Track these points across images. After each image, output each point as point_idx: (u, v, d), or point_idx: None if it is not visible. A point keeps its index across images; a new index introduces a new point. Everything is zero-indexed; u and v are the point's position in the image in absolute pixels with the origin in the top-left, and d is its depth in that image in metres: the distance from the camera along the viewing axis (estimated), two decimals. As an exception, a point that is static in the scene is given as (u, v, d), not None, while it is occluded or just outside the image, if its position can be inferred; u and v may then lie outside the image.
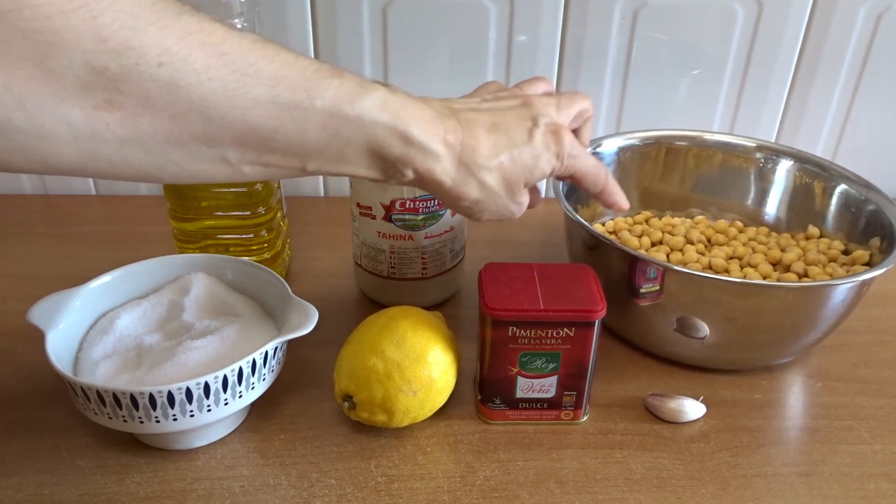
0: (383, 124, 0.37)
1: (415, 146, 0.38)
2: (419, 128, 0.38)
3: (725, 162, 0.67)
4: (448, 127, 0.40)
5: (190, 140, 0.33)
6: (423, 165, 0.39)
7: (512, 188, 0.43)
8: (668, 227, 0.64)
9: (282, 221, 0.63)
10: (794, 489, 0.46)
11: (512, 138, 0.42)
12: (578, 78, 0.76)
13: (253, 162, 0.36)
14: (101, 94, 0.30)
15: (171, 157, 0.34)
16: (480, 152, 0.41)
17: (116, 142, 0.32)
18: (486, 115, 0.43)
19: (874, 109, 0.80)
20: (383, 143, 0.38)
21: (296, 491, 0.44)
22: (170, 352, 0.45)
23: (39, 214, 0.76)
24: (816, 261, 0.58)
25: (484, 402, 0.50)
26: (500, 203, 0.43)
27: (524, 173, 0.43)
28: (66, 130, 0.31)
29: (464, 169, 0.41)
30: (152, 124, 0.32)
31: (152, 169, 0.34)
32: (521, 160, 0.42)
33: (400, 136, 0.38)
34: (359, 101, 0.36)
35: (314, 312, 0.46)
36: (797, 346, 0.53)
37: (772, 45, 0.75)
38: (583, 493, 0.45)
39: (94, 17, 0.29)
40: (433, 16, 0.72)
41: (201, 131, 0.33)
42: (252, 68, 0.33)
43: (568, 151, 0.44)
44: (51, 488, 0.44)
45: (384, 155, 0.38)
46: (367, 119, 0.37)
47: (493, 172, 0.42)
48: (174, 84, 0.31)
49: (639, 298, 0.52)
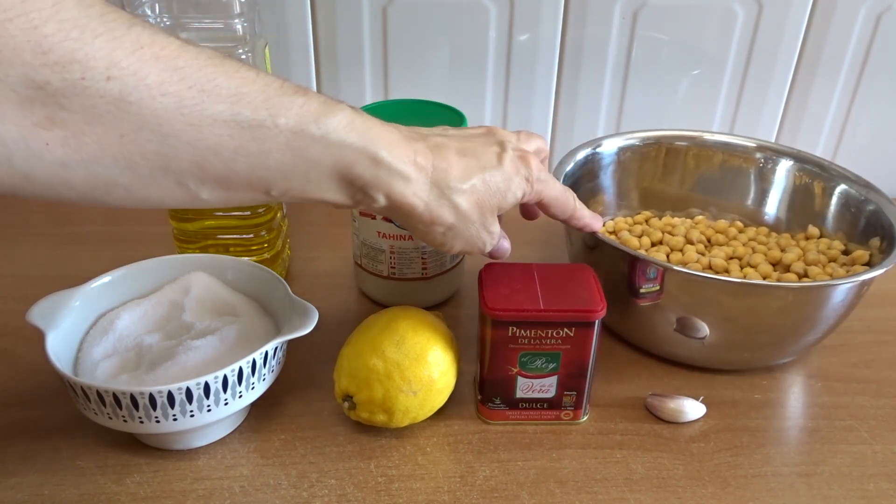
0: (350, 145, 0.36)
1: (384, 168, 0.37)
2: (388, 149, 0.37)
3: (725, 162, 0.67)
4: (417, 149, 0.39)
5: (141, 161, 0.31)
6: (394, 189, 0.38)
7: (485, 214, 0.42)
8: (669, 228, 0.64)
9: (282, 221, 0.63)
10: (794, 489, 0.46)
11: (482, 162, 0.41)
12: (578, 78, 0.76)
13: (212, 187, 0.33)
14: (41, 110, 0.28)
15: (120, 180, 0.31)
16: (453, 174, 0.40)
17: (57, 163, 0.29)
18: (453, 140, 0.42)
19: (874, 109, 0.80)
20: (352, 165, 0.36)
21: (296, 491, 0.44)
22: (170, 352, 0.45)
23: (39, 214, 0.76)
24: (816, 261, 0.58)
25: (484, 402, 0.50)
26: (472, 231, 0.42)
27: (497, 197, 0.42)
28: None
29: (437, 191, 0.40)
30: (99, 144, 0.29)
31: (97, 193, 0.31)
32: (494, 183, 0.42)
33: (369, 157, 0.36)
34: (324, 121, 0.35)
35: (314, 312, 0.46)
36: (797, 346, 0.53)
37: (772, 45, 0.75)
38: (583, 493, 0.45)
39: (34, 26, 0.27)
40: (433, 16, 0.72)
41: (154, 152, 0.31)
42: (210, 84, 0.31)
43: (536, 175, 0.44)
44: (51, 488, 0.44)
45: (353, 178, 0.37)
46: (334, 139, 0.35)
47: (467, 196, 0.41)
48: (124, 100, 0.29)
49: (639, 298, 0.52)
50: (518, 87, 0.77)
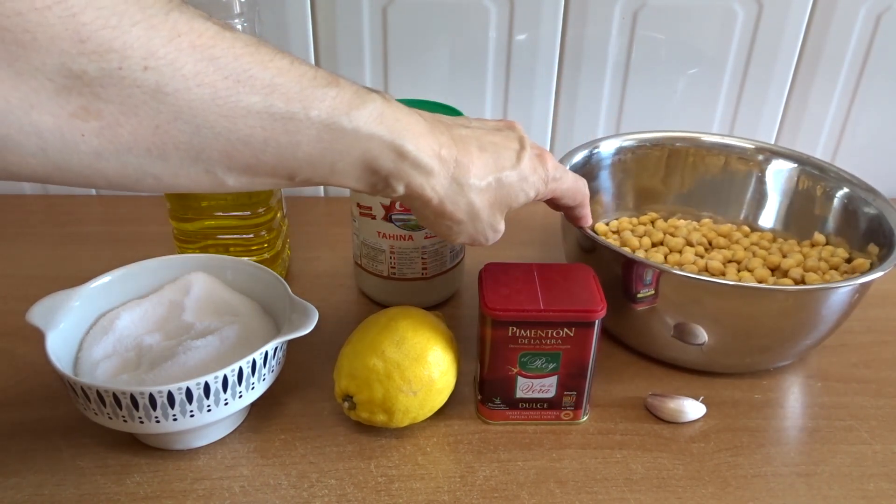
0: (379, 137, 0.36)
1: (408, 161, 0.37)
2: (414, 142, 0.37)
3: (724, 164, 0.67)
4: (442, 142, 0.39)
5: (174, 152, 0.31)
6: (414, 181, 0.38)
7: (495, 212, 0.42)
8: (671, 229, 0.64)
9: (282, 221, 0.63)
10: (794, 489, 0.46)
11: (501, 161, 0.41)
12: (578, 78, 0.76)
13: (239, 175, 0.34)
14: (77, 100, 0.27)
15: (151, 170, 0.31)
16: (473, 171, 0.40)
17: (92, 153, 0.29)
18: (476, 132, 0.42)
19: (874, 109, 0.80)
20: (377, 157, 0.36)
21: (296, 491, 0.44)
22: (170, 352, 0.45)
23: (39, 214, 0.76)
24: (815, 268, 0.57)
25: (484, 402, 0.50)
26: (479, 227, 0.42)
27: (509, 197, 0.42)
28: (34, 142, 0.28)
29: (455, 187, 0.40)
30: (133, 135, 0.29)
31: (128, 181, 0.31)
32: (509, 183, 0.42)
33: (395, 150, 0.37)
34: (355, 113, 0.35)
35: (314, 312, 0.46)
36: (794, 350, 0.53)
37: (772, 46, 0.75)
38: (583, 493, 0.45)
39: (72, 14, 0.26)
40: (433, 16, 0.72)
41: (187, 143, 0.31)
42: (245, 75, 0.31)
43: (552, 175, 0.44)
44: (51, 488, 0.44)
45: (376, 169, 0.37)
46: (364, 132, 0.35)
47: (482, 194, 0.41)
48: (160, 91, 0.29)
49: (634, 303, 0.52)
50: (518, 86, 0.77)
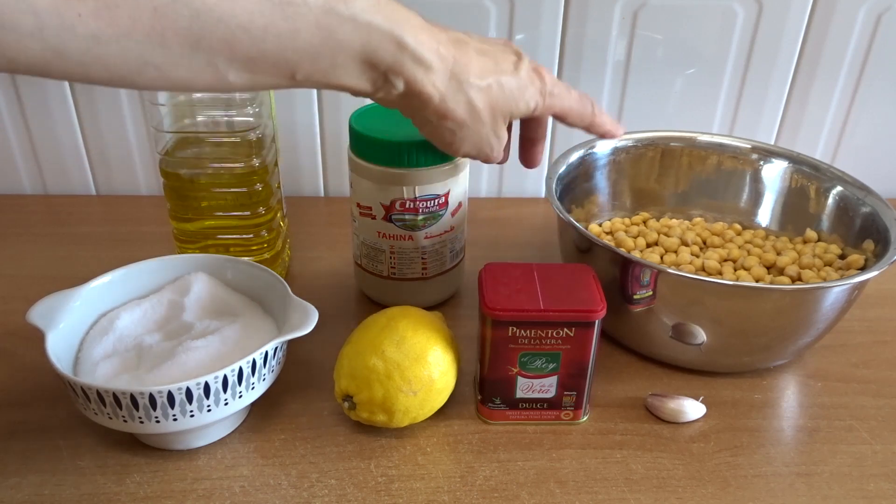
0: (377, 26, 0.36)
1: (408, 53, 0.37)
2: (413, 34, 0.37)
3: (720, 163, 0.67)
4: (440, 39, 0.39)
5: (174, 38, 0.30)
6: (414, 75, 0.38)
7: (496, 117, 0.42)
8: (665, 229, 0.64)
9: (282, 221, 0.63)
10: (794, 489, 0.46)
11: (500, 66, 0.42)
12: (578, 78, 0.76)
13: (240, 68, 0.33)
14: None
15: (152, 58, 0.31)
16: (472, 70, 0.40)
17: (89, 37, 0.29)
18: (474, 39, 0.42)
19: (874, 110, 0.80)
20: (377, 49, 0.36)
21: (296, 491, 0.44)
22: (170, 352, 0.45)
23: (39, 214, 0.76)
24: (811, 265, 0.58)
25: (484, 402, 0.50)
26: (482, 133, 0.42)
27: (510, 103, 0.42)
28: (30, 21, 0.27)
29: (455, 84, 0.40)
30: (132, 18, 0.29)
31: (128, 72, 0.31)
32: (508, 87, 0.42)
33: (394, 41, 0.36)
34: (352, 1, 0.35)
35: (314, 312, 0.46)
36: (792, 348, 0.53)
37: (772, 46, 0.75)
38: (583, 493, 0.45)
39: None
40: (433, 16, 0.72)
41: (187, 28, 0.30)
42: None
43: (549, 89, 0.44)
44: (51, 488, 0.44)
45: (377, 62, 0.37)
46: (362, 20, 0.35)
47: (483, 94, 0.41)
48: None
49: (632, 304, 0.52)
50: (518, 87, 0.76)
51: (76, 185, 0.80)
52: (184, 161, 0.57)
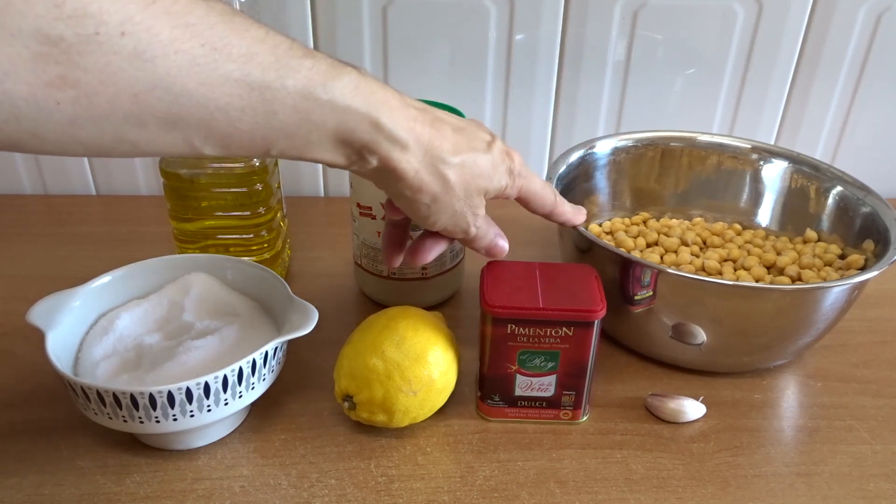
0: (355, 109, 0.36)
1: (383, 133, 0.38)
2: (389, 115, 0.38)
3: (720, 163, 0.67)
4: (416, 118, 0.40)
5: (151, 120, 0.30)
6: (389, 154, 0.38)
7: (471, 193, 0.43)
8: (665, 229, 0.64)
9: (282, 221, 0.63)
10: (794, 489, 0.46)
11: (473, 144, 0.43)
12: (578, 78, 0.76)
13: (216, 144, 0.33)
14: (54, 68, 0.27)
15: (129, 136, 0.31)
16: (446, 147, 0.41)
17: (66, 122, 0.29)
18: (449, 118, 0.43)
19: (874, 110, 0.80)
20: (353, 130, 0.37)
21: (296, 491, 0.44)
22: (170, 352, 0.45)
23: (39, 214, 0.76)
24: (811, 265, 0.57)
25: (483, 399, 0.50)
26: (456, 207, 0.43)
27: (483, 180, 0.43)
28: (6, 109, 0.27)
29: (429, 160, 0.40)
30: (111, 103, 0.29)
31: (104, 148, 0.31)
32: (482, 165, 0.42)
33: (370, 122, 0.37)
34: (331, 84, 0.35)
35: (314, 312, 0.46)
36: (792, 348, 0.53)
37: (772, 46, 0.75)
38: (583, 493, 0.45)
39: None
40: (433, 16, 0.72)
41: (165, 111, 0.30)
42: (221, 42, 0.31)
43: (518, 170, 0.45)
44: (51, 488, 0.44)
45: (352, 140, 0.37)
46: (340, 104, 0.35)
47: (456, 170, 0.41)
48: (138, 57, 0.28)
49: (632, 304, 0.52)
50: (518, 87, 0.77)
51: (76, 185, 0.80)
52: (184, 161, 0.57)
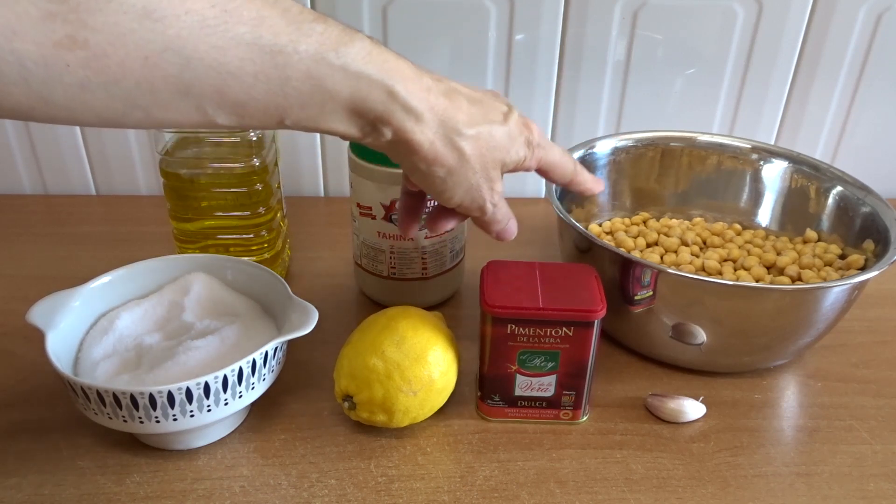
0: (368, 77, 0.35)
1: (398, 102, 0.37)
2: (403, 84, 0.37)
3: (720, 163, 0.67)
4: (430, 87, 0.39)
5: (163, 85, 0.30)
6: (403, 125, 0.38)
7: (487, 166, 0.42)
8: (665, 229, 0.64)
9: (282, 221, 0.63)
10: (794, 489, 0.46)
11: (489, 116, 0.41)
12: (578, 78, 0.76)
13: (229, 112, 0.33)
14: (62, 28, 0.26)
15: (140, 103, 0.30)
16: (461, 119, 0.40)
17: (77, 85, 0.28)
18: (464, 88, 0.42)
19: (874, 110, 0.80)
20: (366, 98, 0.36)
21: (296, 491, 0.44)
22: (170, 352, 0.45)
23: (39, 214, 0.76)
24: (811, 265, 0.57)
25: (483, 398, 0.50)
26: (472, 180, 0.42)
27: (500, 152, 0.42)
28: (15, 70, 0.27)
29: (443, 132, 0.39)
30: (122, 67, 0.28)
31: (115, 115, 0.30)
32: (498, 137, 0.41)
33: (385, 90, 0.36)
34: (343, 49, 0.34)
35: (314, 312, 0.46)
36: (793, 348, 0.53)
37: (772, 46, 0.75)
38: (583, 493, 0.45)
39: None
40: (433, 16, 0.72)
41: (177, 76, 0.30)
42: (231, 4, 0.31)
43: (537, 141, 0.44)
44: (51, 488, 0.44)
45: (365, 111, 0.37)
46: (352, 70, 0.35)
47: (472, 142, 0.40)
48: (148, 17, 0.28)
49: (632, 304, 0.52)
50: (518, 87, 0.77)
51: (76, 184, 0.80)
52: (184, 161, 0.57)
